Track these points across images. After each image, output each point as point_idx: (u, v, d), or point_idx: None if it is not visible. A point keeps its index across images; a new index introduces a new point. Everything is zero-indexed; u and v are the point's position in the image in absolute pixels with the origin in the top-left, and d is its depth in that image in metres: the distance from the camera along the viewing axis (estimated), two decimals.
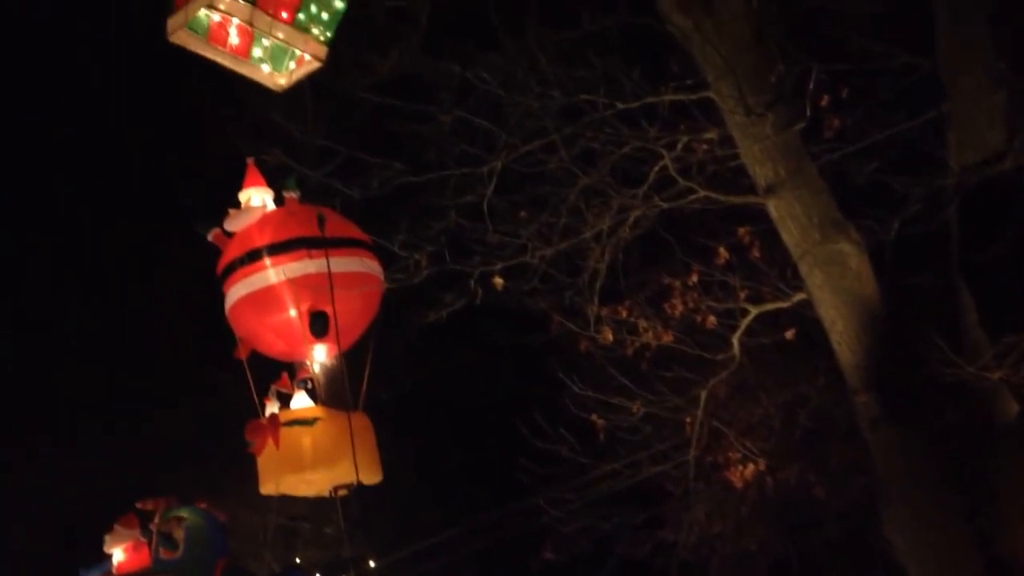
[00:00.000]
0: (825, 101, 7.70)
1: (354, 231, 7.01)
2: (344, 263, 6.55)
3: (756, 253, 8.47)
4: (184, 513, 6.37)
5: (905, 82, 7.69)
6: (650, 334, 8.57)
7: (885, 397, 7.22)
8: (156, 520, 6.46)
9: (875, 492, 7.56)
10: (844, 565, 9.70)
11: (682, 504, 9.50)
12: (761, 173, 7.43)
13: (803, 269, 7.49)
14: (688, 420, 8.72)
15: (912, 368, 7.27)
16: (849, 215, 7.47)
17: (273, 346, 6.93)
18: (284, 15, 5.25)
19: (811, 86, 7.23)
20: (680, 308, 8.58)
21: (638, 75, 7.76)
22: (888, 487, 7.31)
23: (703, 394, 8.49)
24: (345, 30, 5.55)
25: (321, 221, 6.15)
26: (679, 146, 7.87)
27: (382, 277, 6.80)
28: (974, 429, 7.18)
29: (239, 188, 7.02)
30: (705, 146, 7.99)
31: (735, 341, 8.24)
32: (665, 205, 8.04)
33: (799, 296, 7.95)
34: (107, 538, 6.43)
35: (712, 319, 8.47)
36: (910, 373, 7.25)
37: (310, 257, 6.58)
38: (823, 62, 7.32)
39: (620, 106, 7.74)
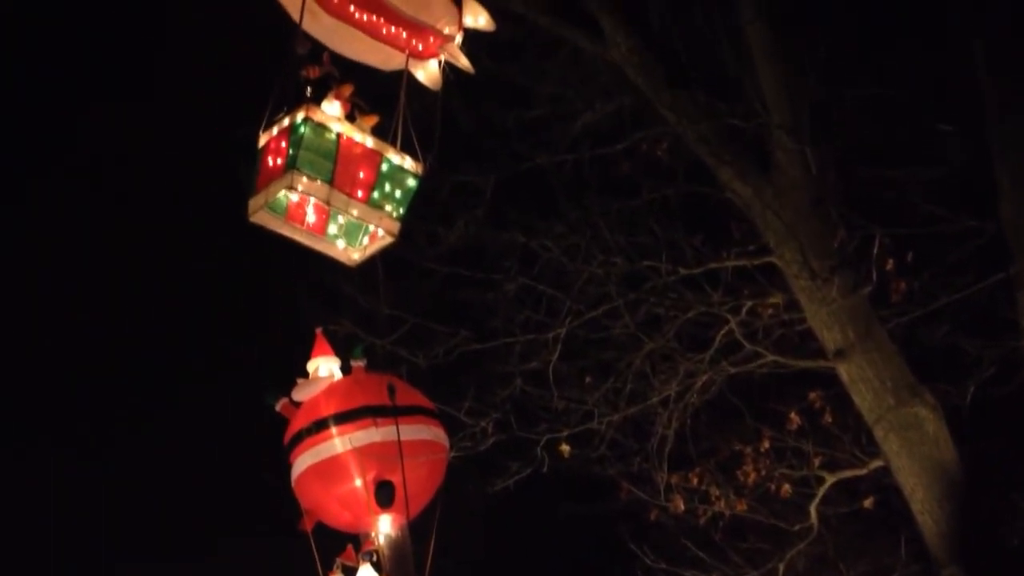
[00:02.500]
0: (890, 265, 7.67)
1: (421, 399, 7.05)
2: (412, 431, 6.58)
3: (828, 418, 8.29)
4: None
5: (971, 245, 7.65)
6: (723, 503, 8.35)
7: (971, 569, 6.90)
8: None
9: None
10: None
11: None
12: (830, 337, 7.36)
13: (878, 435, 7.31)
14: None
15: (998, 538, 6.98)
16: (922, 379, 7.32)
17: (339, 517, 6.91)
18: (360, 194, 5.47)
19: (875, 251, 7.23)
20: (753, 476, 8.37)
21: (700, 241, 7.85)
22: None
23: (781, 567, 8.19)
24: (414, 203, 5.74)
25: (392, 391, 6.24)
26: (744, 311, 7.85)
27: (448, 445, 6.80)
28: None
29: (308, 357, 7.15)
30: (771, 310, 7.95)
31: (812, 510, 7.99)
32: (732, 370, 7.97)
33: (876, 463, 7.73)
34: None
35: (787, 487, 8.24)
36: (996, 543, 6.95)
37: (376, 426, 6.63)
38: (886, 226, 7.34)
39: (683, 272, 7.80)
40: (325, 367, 7.17)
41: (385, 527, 6.74)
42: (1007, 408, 7.62)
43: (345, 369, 7.13)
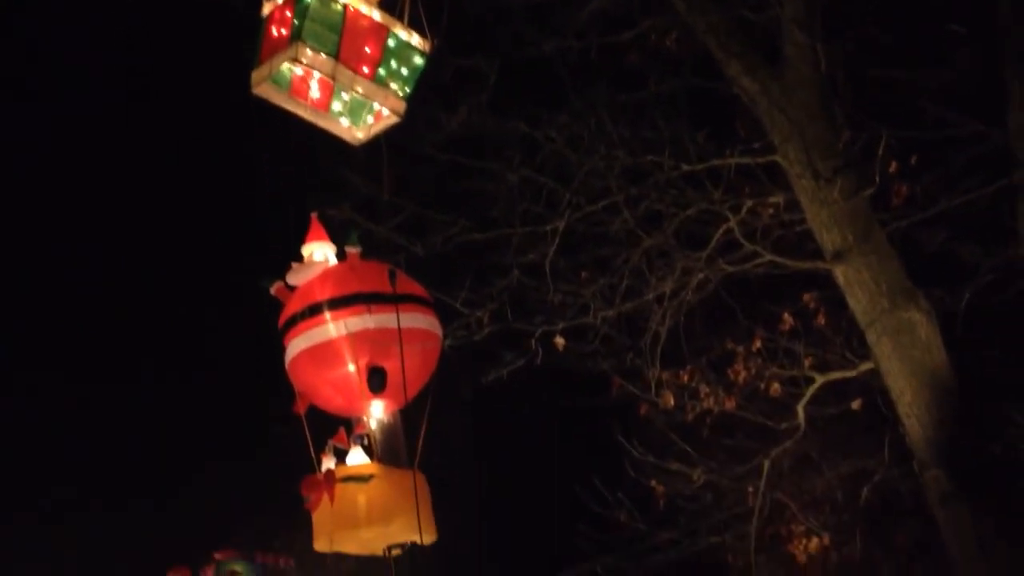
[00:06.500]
0: (894, 168, 7.60)
1: (417, 287, 7.01)
2: (407, 319, 6.54)
3: (822, 320, 8.31)
4: (239, 567, 6.35)
5: (976, 150, 7.57)
6: (712, 400, 8.41)
7: (956, 472, 6.97)
8: (209, 573, 6.44)
9: (943, 574, 7.28)
10: None
11: None
12: (828, 239, 7.33)
13: (871, 338, 7.32)
14: (750, 490, 8.50)
15: (984, 443, 7.04)
16: (918, 284, 7.31)
17: (331, 401, 6.91)
18: (365, 70, 5.33)
19: (880, 152, 7.15)
20: (744, 374, 8.42)
21: (704, 137, 7.74)
22: (957, 569, 7.02)
23: (766, 464, 8.29)
24: (420, 83, 5.62)
25: (393, 275, 6.15)
26: (744, 209, 7.79)
27: (442, 334, 6.78)
28: None
29: (303, 242, 7.06)
30: (771, 210, 7.91)
31: (800, 410, 8.05)
32: (729, 268, 7.94)
33: (866, 365, 7.76)
34: None
35: (776, 386, 8.29)
36: (982, 448, 7.01)
37: (370, 312, 6.58)
38: (892, 128, 7.25)
39: (685, 168, 7.71)
40: (320, 252, 7.07)
41: (377, 412, 6.75)
42: (1002, 317, 7.64)
43: (340, 255, 7.06)
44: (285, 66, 5.19)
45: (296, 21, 5.08)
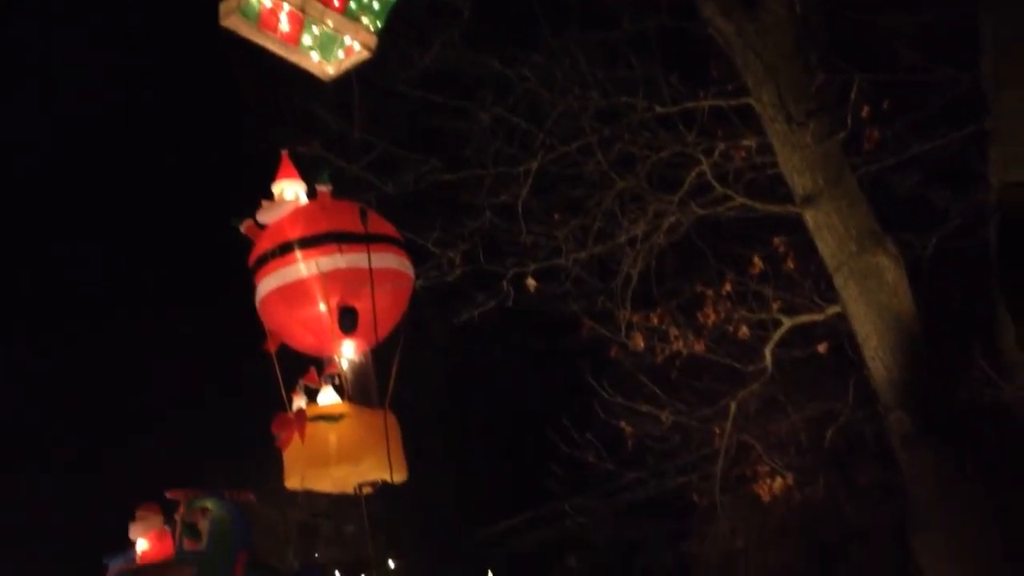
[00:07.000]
0: (866, 112, 7.61)
1: (388, 227, 6.98)
2: (378, 259, 6.52)
3: (791, 264, 8.37)
4: (209, 504, 6.36)
5: (948, 95, 7.58)
6: (681, 342, 8.48)
7: (919, 414, 7.08)
8: (181, 510, 6.45)
9: (906, 515, 7.42)
10: None
11: (708, 516, 9.39)
12: (800, 182, 7.34)
13: (838, 281, 7.38)
14: (717, 431, 8.61)
15: (948, 386, 7.15)
16: (887, 228, 7.36)
17: (302, 340, 6.90)
18: (336, 3, 5.23)
19: (853, 95, 7.15)
20: (713, 317, 8.48)
21: (677, 79, 7.70)
22: (919, 511, 7.16)
23: (733, 406, 8.38)
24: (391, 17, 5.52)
25: (364, 214, 6.10)
26: (717, 152, 7.79)
27: (413, 274, 6.77)
28: (1011, 452, 7.03)
29: (273, 180, 7.00)
30: (743, 153, 7.91)
31: (767, 352, 8.13)
32: (701, 211, 7.96)
33: (833, 309, 7.82)
34: (132, 526, 6.44)
35: (744, 329, 8.37)
36: (946, 391, 7.12)
37: (341, 252, 6.55)
38: (865, 72, 7.24)
39: (659, 110, 7.69)
40: (291, 190, 7.02)
41: (348, 352, 6.75)
42: (969, 262, 7.72)
43: (311, 193, 7.01)
44: None
45: None
